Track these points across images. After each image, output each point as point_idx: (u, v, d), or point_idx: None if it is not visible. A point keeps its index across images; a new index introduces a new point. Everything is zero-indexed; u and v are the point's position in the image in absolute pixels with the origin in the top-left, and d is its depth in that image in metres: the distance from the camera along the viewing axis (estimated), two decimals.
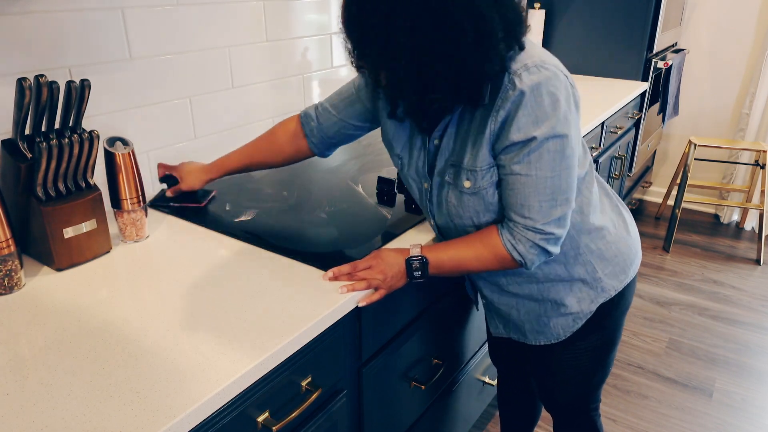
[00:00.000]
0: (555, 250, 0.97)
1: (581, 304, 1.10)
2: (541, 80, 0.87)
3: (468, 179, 0.97)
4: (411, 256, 1.00)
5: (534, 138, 0.88)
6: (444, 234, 1.11)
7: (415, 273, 1.00)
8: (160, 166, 1.34)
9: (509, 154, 0.92)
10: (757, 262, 2.99)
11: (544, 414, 1.95)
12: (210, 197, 1.35)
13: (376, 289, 0.99)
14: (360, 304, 0.98)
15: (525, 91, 0.87)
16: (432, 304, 1.31)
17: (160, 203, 1.31)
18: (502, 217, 0.99)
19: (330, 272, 0.99)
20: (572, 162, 0.93)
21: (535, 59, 0.89)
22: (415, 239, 1.15)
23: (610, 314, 1.14)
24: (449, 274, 1.02)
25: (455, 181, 0.99)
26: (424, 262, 0.99)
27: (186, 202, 1.31)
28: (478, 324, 1.57)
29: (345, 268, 1.00)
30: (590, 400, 1.30)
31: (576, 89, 0.95)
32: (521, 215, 0.94)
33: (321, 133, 1.20)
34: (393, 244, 1.13)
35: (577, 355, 1.18)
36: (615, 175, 2.60)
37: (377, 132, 1.93)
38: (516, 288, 1.11)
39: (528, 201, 0.93)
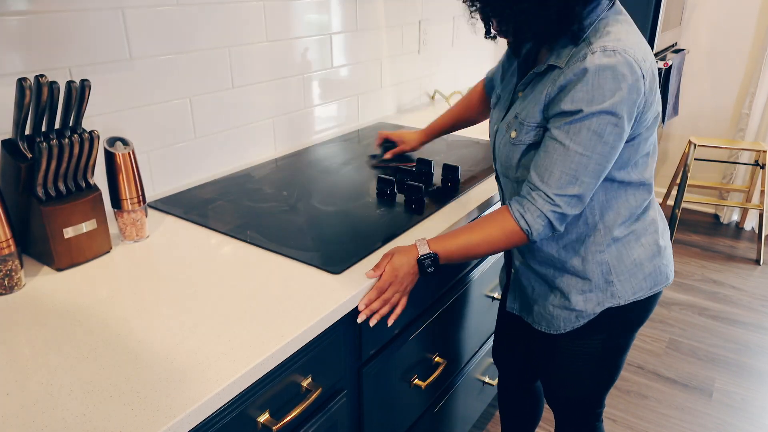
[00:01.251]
0: (560, 227, 1.00)
1: (587, 303, 1.11)
2: (610, 64, 0.90)
3: (515, 130, 1.04)
4: (422, 256, 1.03)
5: (580, 110, 0.92)
6: (499, 182, 1.20)
7: (427, 270, 1.04)
8: (380, 134, 1.66)
9: (555, 119, 0.96)
10: (757, 262, 2.99)
11: (546, 416, 1.95)
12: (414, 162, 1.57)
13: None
14: (389, 323, 1.04)
15: (590, 69, 0.91)
16: (432, 304, 1.31)
17: (380, 163, 1.59)
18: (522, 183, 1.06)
19: (362, 312, 1.01)
20: (607, 150, 0.95)
21: (618, 45, 0.92)
22: (415, 239, 1.15)
23: (618, 322, 1.13)
24: (460, 261, 1.06)
25: (508, 130, 1.07)
26: (434, 257, 1.03)
27: (400, 162, 1.58)
28: (478, 324, 1.57)
29: (373, 297, 1.02)
30: (594, 403, 1.30)
31: (651, 84, 0.96)
32: (540, 178, 0.98)
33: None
34: (393, 244, 1.13)
35: (582, 354, 1.18)
36: None
37: (375, 133, 1.93)
38: (536, 265, 1.15)
39: (552, 167, 0.96)
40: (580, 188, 0.96)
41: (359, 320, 1.01)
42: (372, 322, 1.02)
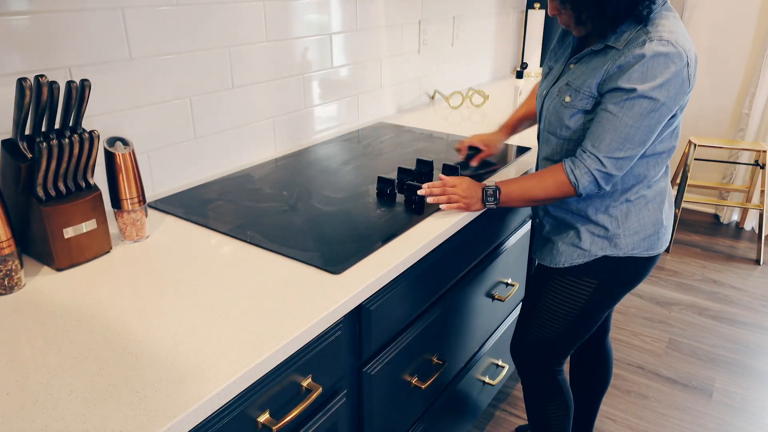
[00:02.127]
0: (605, 185, 1.16)
1: (593, 245, 1.27)
2: (665, 52, 1.06)
3: (570, 95, 1.20)
4: (486, 185, 1.25)
5: (635, 89, 1.08)
6: (539, 141, 1.35)
7: (489, 198, 1.25)
8: (463, 143, 1.62)
9: (611, 94, 1.12)
10: (757, 262, 2.99)
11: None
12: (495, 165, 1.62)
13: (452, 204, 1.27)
14: (442, 208, 1.27)
15: (647, 55, 1.07)
16: (432, 304, 1.31)
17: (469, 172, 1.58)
18: (567, 143, 1.23)
19: (423, 189, 1.28)
20: (654, 124, 1.11)
21: (672, 36, 1.07)
22: (416, 239, 1.16)
23: (612, 271, 1.28)
24: (517, 202, 1.25)
25: (560, 96, 1.22)
26: (497, 189, 1.24)
27: (486, 168, 1.59)
28: (478, 324, 1.57)
29: (436, 185, 1.28)
30: (557, 352, 1.40)
31: (693, 70, 1.11)
32: (592, 143, 1.15)
33: None
34: (393, 244, 1.13)
35: (569, 293, 1.32)
36: None
37: (375, 133, 1.93)
38: (556, 212, 1.33)
39: (604, 135, 1.13)
40: (625, 153, 1.12)
41: (420, 192, 1.28)
42: (429, 200, 1.27)
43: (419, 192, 1.28)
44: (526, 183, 1.23)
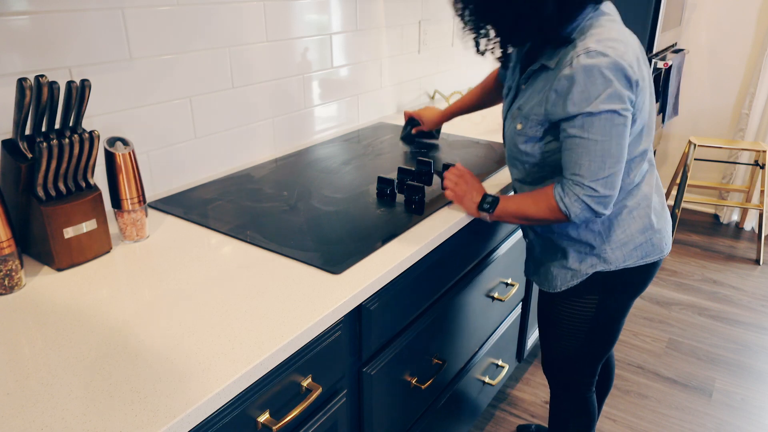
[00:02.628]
0: (601, 209, 1.09)
1: (582, 264, 1.24)
2: (595, 64, 1.01)
3: (521, 122, 1.16)
4: (487, 193, 1.24)
5: (585, 110, 1.03)
6: (507, 163, 1.31)
7: (485, 205, 1.23)
8: (406, 113, 1.81)
9: (566, 122, 1.07)
10: (757, 262, 2.99)
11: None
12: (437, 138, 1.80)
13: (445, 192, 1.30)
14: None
15: (576, 74, 1.02)
16: (432, 304, 1.31)
17: (407, 140, 1.80)
18: (533, 167, 1.20)
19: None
20: (621, 132, 1.05)
21: (600, 45, 1.02)
22: (416, 239, 1.16)
23: (611, 285, 1.24)
24: (512, 219, 1.21)
25: (514, 122, 1.19)
26: (495, 199, 1.22)
27: (426, 138, 1.80)
28: (478, 324, 1.57)
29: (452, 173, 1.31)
30: (586, 370, 1.38)
31: (638, 69, 1.06)
32: (572, 172, 1.09)
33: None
34: (393, 244, 1.13)
35: (576, 313, 1.29)
36: None
37: (375, 133, 1.93)
38: (542, 232, 1.29)
39: (580, 160, 1.07)
40: (610, 170, 1.07)
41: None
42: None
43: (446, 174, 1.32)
44: (523, 203, 1.18)
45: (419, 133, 1.81)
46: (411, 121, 1.81)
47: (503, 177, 1.52)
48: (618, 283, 1.24)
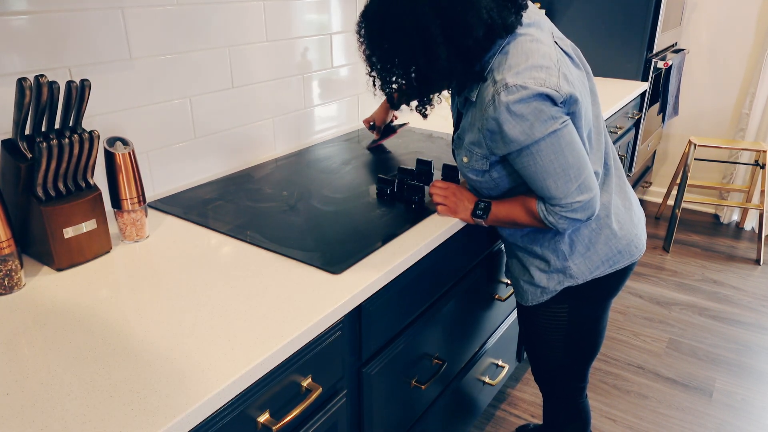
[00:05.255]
0: (588, 212, 1.08)
1: (549, 281, 1.23)
2: (518, 99, 0.97)
3: (466, 155, 1.14)
4: (480, 200, 1.21)
5: (528, 144, 1.01)
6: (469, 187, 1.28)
7: (478, 211, 1.21)
8: (365, 121, 1.78)
9: (513, 155, 1.05)
10: (757, 262, 2.99)
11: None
12: (401, 126, 1.78)
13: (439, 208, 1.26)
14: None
15: (502, 112, 0.98)
16: (432, 304, 1.31)
17: (372, 146, 1.76)
18: (492, 195, 1.20)
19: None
20: (570, 141, 1.02)
21: (519, 78, 0.97)
22: (416, 239, 1.15)
23: (581, 297, 1.24)
24: (503, 224, 1.19)
25: (460, 153, 1.17)
26: (488, 205, 1.19)
27: (388, 134, 1.76)
28: (478, 324, 1.57)
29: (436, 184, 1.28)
30: (575, 376, 1.37)
31: (566, 84, 1.00)
32: (545, 197, 1.08)
33: None
34: (393, 244, 1.13)
35: (550, 323, 1.29)
36: None
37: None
38: (512, 248, 1.30)
39: (545, 184, 1.05)
40: (576, 180, 1.05)
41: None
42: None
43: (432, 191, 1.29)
44: (513, 208, 1.16)
45: (382, 133, 1.75)
46: (372, 126, 1.77)
47: None
48: (587, 292, 1.23)
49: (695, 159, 3.28)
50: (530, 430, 1.85)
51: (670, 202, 3.58)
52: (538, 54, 1.00)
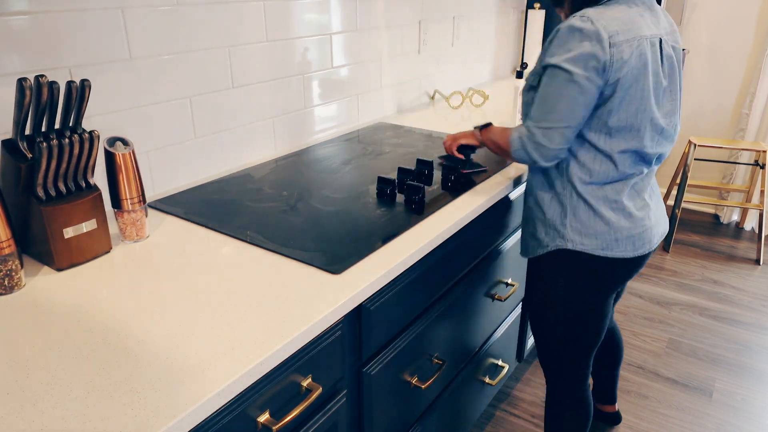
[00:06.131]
0: (536, 155, 1.20)
1: (546, 236, 1.32)
2: (579, 27, 1.12)
3: (526, 80, 1.29)
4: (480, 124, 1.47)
5: (552, 62, 1.15)
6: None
7: (479, 127, 1.45)
8: (451, 147, 1.63)
9: (544, 70, 1.19)
10: (757, 262, 2.99)
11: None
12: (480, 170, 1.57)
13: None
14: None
15: (561, 28, 1.15)
16: (432, 304, 1.31)
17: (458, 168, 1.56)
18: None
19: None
20: (575, 96, 1.14)
21: (596, 15, 1.12)
22: (416, 239, 1.15)
23: (575, 269, 1.30)
24: (489, 143, 1.40)
25: (526, 80, 1.31)
26: (489, 123, 1.44)
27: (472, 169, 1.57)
28: (478, 324, 1.57)
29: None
30: (573, 362, 1.41)
31: (616, 52, 1.11)
32: (529, 114, 1.23)
33: None
34: (393, 244, 1.13)
35: (549, 292, 1.35)
36: None
37: (375, 133, 1.93)
38: (528, 195, 1.39)
39: (536, 106, 1.20)
40: (551, 123, 1.17)
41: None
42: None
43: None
44: (500, 131, 1.36)
45: (467, 166, 1.57)
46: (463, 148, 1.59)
47: (495, 184, 1.52)
48: (583, 268, 1.30)
49: (695, 159, 3.28)
50: None
51: (670, 202, 3.58)
52: (629, 19, 1.14)
